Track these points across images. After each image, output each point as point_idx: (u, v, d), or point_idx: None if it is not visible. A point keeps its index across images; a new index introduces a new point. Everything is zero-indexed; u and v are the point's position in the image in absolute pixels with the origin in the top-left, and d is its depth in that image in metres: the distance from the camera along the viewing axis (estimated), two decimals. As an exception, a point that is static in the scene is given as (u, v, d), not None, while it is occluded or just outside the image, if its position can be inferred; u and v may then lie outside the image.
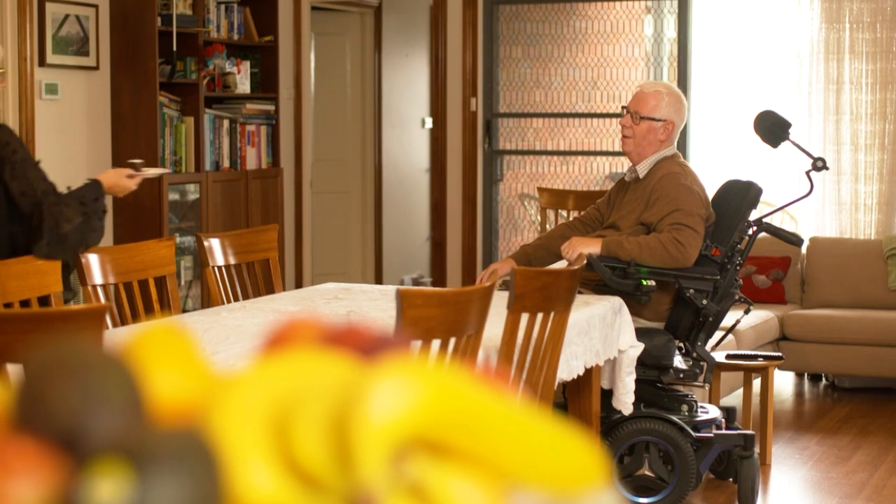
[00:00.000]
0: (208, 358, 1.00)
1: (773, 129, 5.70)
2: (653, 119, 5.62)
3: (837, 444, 6.64)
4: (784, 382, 8.06)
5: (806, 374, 8.24)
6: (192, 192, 8.26)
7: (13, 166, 4.76)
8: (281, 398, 0.85)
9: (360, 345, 0.97)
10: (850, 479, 6.03)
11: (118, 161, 8.05)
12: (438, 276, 9.45)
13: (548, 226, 7.92)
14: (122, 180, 4.93)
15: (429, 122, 11.41)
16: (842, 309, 7.92)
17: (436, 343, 3.52)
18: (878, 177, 8.20)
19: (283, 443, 0.82)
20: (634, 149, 5.64)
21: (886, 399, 7.68)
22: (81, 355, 0.86)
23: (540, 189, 8.12)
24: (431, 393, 0.83)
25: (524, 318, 4.07)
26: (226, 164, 8.61)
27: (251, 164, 8.82)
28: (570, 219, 6.26)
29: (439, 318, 3.49)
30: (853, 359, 7.67)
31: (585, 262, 4.91)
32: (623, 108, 5.79)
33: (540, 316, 4.12)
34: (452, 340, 3.59)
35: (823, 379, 8.20)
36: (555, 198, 7.94)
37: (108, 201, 5.72)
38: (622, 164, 9.23)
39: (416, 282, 10.97)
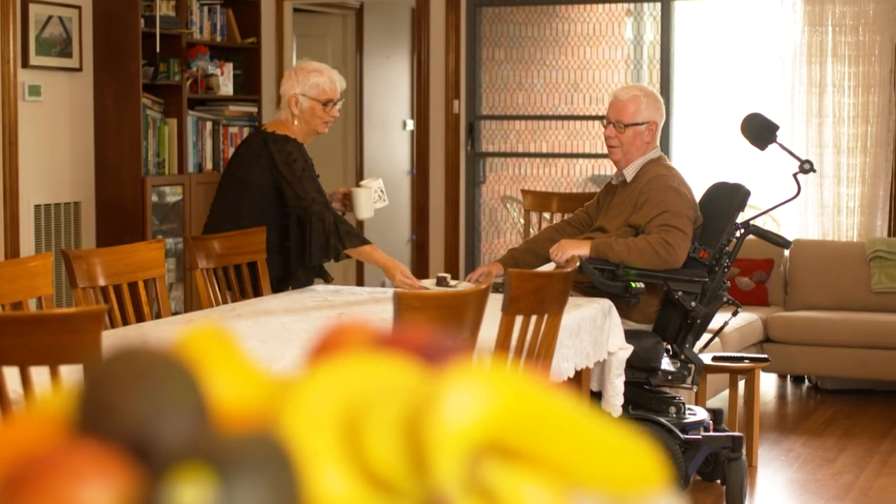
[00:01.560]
0: (259, 360, 0.99)
1: (760, 131, 5.72)
2: (636, 124, 5.63)
3: (823, 446, 6.66)
4: (767, 384, 8.08)
5: (789, 376, 8.27)
6: (170, 193, 8.22)
7: (293, 174, 5.42)
8: (349, 402, 0.84)
9: (415, 348, 0.97)
10: (837, 480, 6.05)
11: (100, 163, 8.03)
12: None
13: (531, 228, 7.93)
14: (397, 271, 5.32)
15: (410, 124, 11.40)
16: (824, 311, 7.94)
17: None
18: (860, 179, 8.23)
19: (354, 447, 0.81)
20: (623, 156, 5.65)
21: (869, 401, 7.71)
22: (145, 360, 0.86)
23: (524, 191, 8.12)
24: (502, 397, 0.83)
25: (518, 319, 4.07)
26: (209, 166, 8.59)
27: (234, 166, 8.79)
28: (557, 222, 6.25)
29: (436, 320, 3.49)
30: (837, 361, 7.70)
31: (577, 265, 4.91)
32: (604, 120, 5.78)
33: (534, 318, 4.12)
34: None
35: (806, 381, 8.22)
36: (539, 200, 7.94)
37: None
38: (604, 167, 9.24)
39: (397, 284, 10.95)
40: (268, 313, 4.77)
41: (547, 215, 7.77)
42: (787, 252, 8.10)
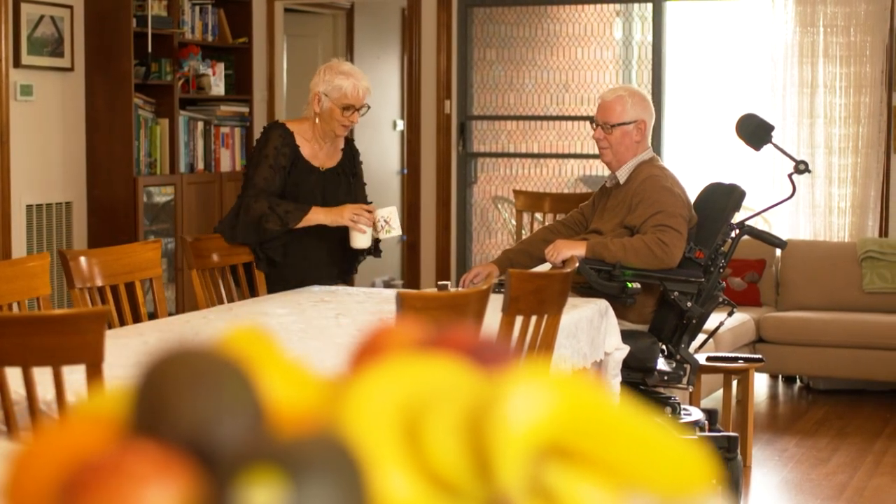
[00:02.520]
0: (305, 361, 0.99)
1: (756, 132, 5.73)
2: (624, 124, 5.63)
3: (816, 446, 6.67)
4: (758, 385, 8.09)
5: (780, 376, 8.28)
6: (158, 194, 8.20)
7: (254, 156, 5.52)
8: (407, 403, 0.84)
9: (465, 349, 0.96)
10: (831, 480, 6.06)
11: (92, 163, 8.01)
12: (412, 279, 9.44)
13: (523, 229, 7.93)
14: (346, 212, 5.34)
15: (400, 125, 11.40)
16: (816, 311, 7.96)
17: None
18: (851, 180, 8.24)
19: (415, 448, 0.81)
20: (614, 157, 5.65)
21: (861, 401, 7.72)
22: (201, 361, 0.85)
23: (516, 192, 8.12)
24: (561, 399, 0.82)
25: (518, 320, 4.07)
26: (200, 166, 8.58)
27: (225, 166, 8.79)
28: (551, 222, 6.25)
29: (439, 320, 3.48)
30: (829, 361, 7.71)
31: (577, 265, 4.91)
32: (592, 122, 5.78)
33: (533, 318, 4.12)
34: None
35: (798, 381, 8.23)
36: (531, 200, 7.94)
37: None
38: (594, 167, 9.24)
39: (387, 284, 10.96)
40: (265, 313, 4.76)
41: (539, 216, 7.76)
42: (778, 252, 8.11)
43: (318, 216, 5.31)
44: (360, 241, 5.35)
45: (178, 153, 8.29)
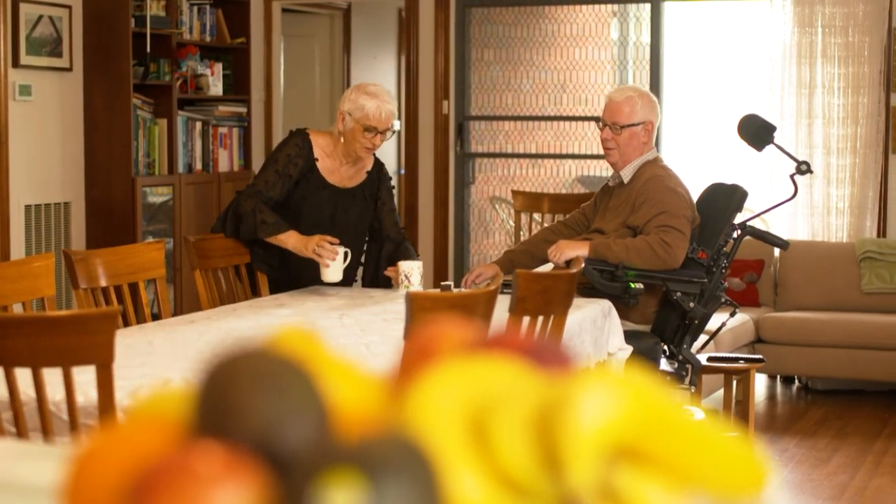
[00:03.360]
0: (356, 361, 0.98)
1: (758, 132, 5.73)
2: (632, 125, 5.62)
3: (816, 447, 6.67)
4: (757, 385, 8.09)
5: (779, 377, 8.28)
6: (151, 194, 8.18)
7: (267, 159, 5.49)
8: (473, 404, 0.84)
9: (523, 350, 0.96)
10: (832, 480, 6.06)
11: (90, 163, 8.00)
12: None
13: (521, 230, 7.92)
14: (311, 243, 5.22)
15: (396, 125, 11.38)
16: (815, 312, 7.96)
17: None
18: (849, 180, 8.25)
19: (484, 449, 0.81)
20: (620, 158, 5.64)
21: (860, 401, 7.73)
22: (265, 362, 0.85)
23: (514, 192, 8.11)
24: (628, 400, 0.82)
25: (524, 320, 4.07)
26: (198, 166, 8.57)
27: (223, 166, 8.78)
28: (553, 223, 6.25)
29: (450, 320, 3.48)
30: (828, 361, 7.72)
31: (582, 265, 4.91)
32: (599, 122, 5.77)
33: (540, 319, 4.12)
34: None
35: (796, 381, 8.24)
36: (529, 201, 7.94)
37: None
38: (591, 167, 9.25)
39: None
40: (268, 314, 4.76)
41: (538, 216, 7.76)
42: (777, 253, 8.12)
43: (289, 240, 5.22)
44: (328, 275, 5.18)
45: (176, 153, 8.28)
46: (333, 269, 5.16)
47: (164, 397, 0.92)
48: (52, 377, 3.18)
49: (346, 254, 5.19)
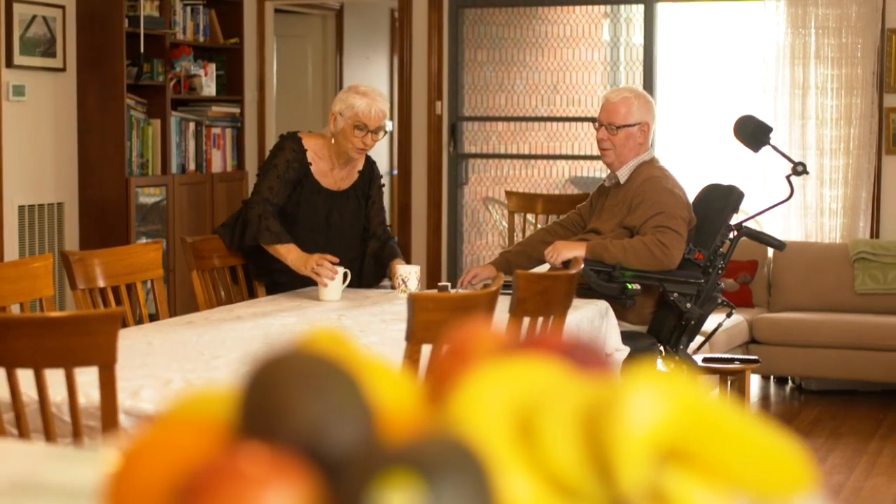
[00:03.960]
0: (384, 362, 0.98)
1: (755, 133, 5.74)
2: (628, 125, 5.63)
3: (811, 447, 6.68)
4: (751, 385, 8.10)
5: (772, 377, 8.29)
6: (145, 194, 8.16)
7: (263, 165, 5.50)
8: (518, 405, 0.84)
9: (561, 351, 0.96)
10: (827, 481, 6.07)
11: (84, 163, 7.98)
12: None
13: (515, 230, 7.93)
14: (310, 262, 5.19)
15: (388, 125, 11.38)
16: (809, 312, 7.97)
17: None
18: (842, 181, 8.26)
19: (531, 450, 0.81)
20: (616, 159, 5.64)
21: (854, 401, 7.74)
22: (309, 364, 0.85)
23: (508, 193, 8.11)
24: (677, 403, 0.82)
25: (524, 321, 4.07)
26: (191, 166, 8.56)
27: (216, 166, 8.77)
28: (549, 224, 6.25)
29: (449, 322, 3.48)
30: (821, 362, 7.73)
31: (582, 266, 4.91)
32: (595, 122, 5.78)
33: (540, 319, 4.12)
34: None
35: (790, 381, 8.25)
36: (523, 201, 7.94)
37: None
38: (583, 168, 9.25)
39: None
40: (266, 315, 4.75)
41: (531, 217, 7.76)
42: (770, 253, 8.14)
43: (289, 255, 5.19)
44: (326, 294, 5.12)
45: (169, 154, 8.27)
46: (332, 289, 5.14)
47: (204, 399, 0.92)
48: (52, 378, 3.17)
49: (345, 274, 5.18)
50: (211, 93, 8.69)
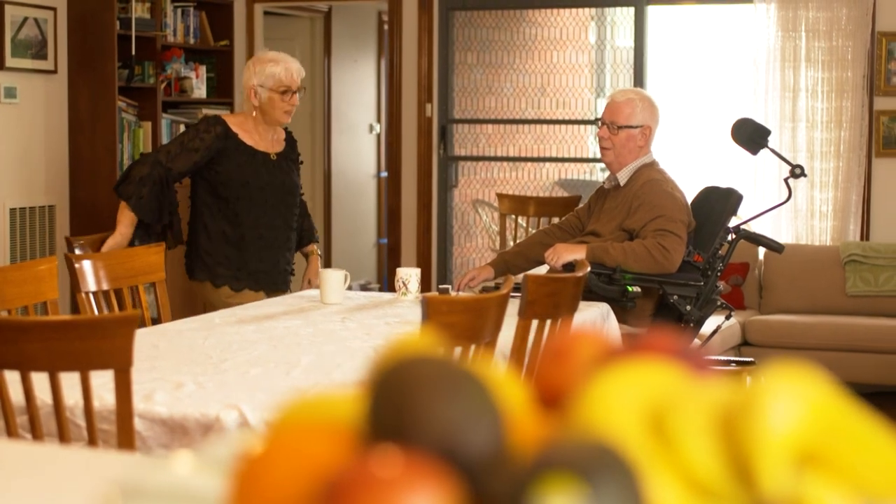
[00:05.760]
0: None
1: (753, 136, 5.75)
2: (630, 127, 5.63)
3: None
4: (743, 387, 8.11)
5: (763, 379, 8.31)
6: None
7: (176, 135, 5.62)
8: (649, 408, 0.84)
9: (674, 354, 0.96)
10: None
11: (75, 165, 7.95)
12: (392, 283, 9.41)
13: (507, 233, 7.93)
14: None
15: (377, 128, 11.39)
16: (800, 314, 7.99)
17: (457, 350, 3.51)
18: (833, 184, 8.28)
19: (669, 452, 0.81)
20: (615, 159, 5.65)
21: (845, 403, 7.76)
22: (441, 368, 0.85)
23: (500, 195, 8.12)
24: (811, 406, 0.82)
25: (533, 323, 4.07)
26: (182, 169, 8.53)
27: (207, 169, 8.74)
28: (548, 225, 6.26)
29: (463, 324, 3.48)
30: (813, 364, 7.74)
31: (588, 269, 4.91)
32: (598, 120, 5.79)
33: (548, 322, 4.12)
34: (472, 347, 3.58)
35: (781, 384, 8.27)
36: (514, 204, 7.94)
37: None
38: (571, 171, 9.27)
39: (364, 288, 10.94)
40: (269, 317, 4.74)
41: (522, 220, 7.77)
42: (761, 256, 8.16)
43: (119, 227, 5.44)
44: (329, 296, 5.10)
45: (160, 156, 8.24)
46: (335, 291, 5.13)
47: (321, 404, 0.92)
48: (63, 382, 3.15)
49: (345, 276, 5.18)
50: (202, 95, 8.67)
